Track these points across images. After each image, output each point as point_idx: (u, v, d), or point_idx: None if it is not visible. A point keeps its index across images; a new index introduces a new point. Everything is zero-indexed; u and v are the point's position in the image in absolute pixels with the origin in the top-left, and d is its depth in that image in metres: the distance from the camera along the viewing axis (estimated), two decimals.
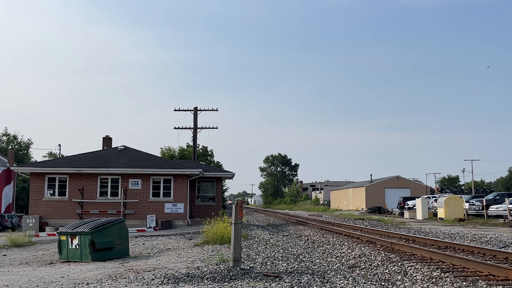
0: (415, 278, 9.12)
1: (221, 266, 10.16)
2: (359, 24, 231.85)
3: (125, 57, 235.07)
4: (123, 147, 32.10)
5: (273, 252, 13.39)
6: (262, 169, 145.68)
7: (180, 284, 8.34)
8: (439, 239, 16.38)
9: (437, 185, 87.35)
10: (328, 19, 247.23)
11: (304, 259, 12.15)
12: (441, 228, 24.66)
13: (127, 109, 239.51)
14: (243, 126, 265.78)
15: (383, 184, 75.96)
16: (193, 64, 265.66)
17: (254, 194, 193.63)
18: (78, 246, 13.28)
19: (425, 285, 8.44)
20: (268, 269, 9.89)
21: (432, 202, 41.02)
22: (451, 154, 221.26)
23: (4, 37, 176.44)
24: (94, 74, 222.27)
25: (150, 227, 26.32)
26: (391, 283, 8.82)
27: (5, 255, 16.14)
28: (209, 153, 68.93)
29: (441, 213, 35.06)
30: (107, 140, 35.45)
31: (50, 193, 27.99)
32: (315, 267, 10.60)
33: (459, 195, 43.08)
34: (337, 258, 12.42)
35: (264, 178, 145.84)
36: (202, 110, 42.54)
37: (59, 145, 59.78)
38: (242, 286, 8.00)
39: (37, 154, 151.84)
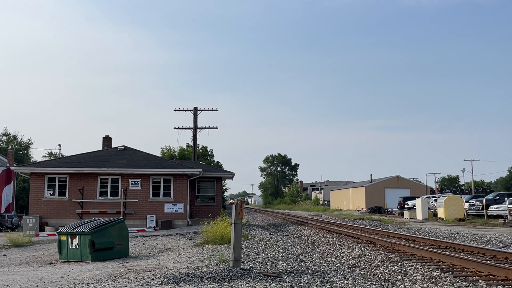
0: (415, 278, 9.12)
1: (221, 266, 10.16)
2: (358, 25, 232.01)
3: (125, 57, 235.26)
4: (123, 147, 32.09)
5: (273, 252, 13.39)
6: (262, 169, 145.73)
7: (180, 284, 8.34)
8: (439, 239, 16.37)
9: (437, 185, 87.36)
10: (327, 19, 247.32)
11: (304, 259, 12.16)
12: (441, 228, 24.66)
13: (127, 109, 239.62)
14: (243, 126, 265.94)
15: (383, 184, 75.95)
16: (192, 64, 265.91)
17: (254, 194, 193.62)
18: (78, 246, 13.28)
19: (425, 285, 8.44)
20: (268, 269, 9.89)
21: (432, 202, 41.02)
22: (451, 154, 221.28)
23: (4, 37, 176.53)
24: (94, 74, 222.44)
25: (150, 227, 26.32)
26: (391, 283, 8.82)
27: (5, 255, 16.14)
28: (209, 153, 68.92)
29: (441, 213, 35.06)
30: (107, 140, 35.44)
31: (50, 193, 27.99)
32: (315, 267, 10.60)
33: (459, 195, 43.08)
34: (337, 258, 12.42)
35: (264, 178, 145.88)
36: (202, 110, 42.55)
37: (59, 145, 59.85)
38: (242, 286, 8.00)
39: (37, 154, 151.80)
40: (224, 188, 71.47)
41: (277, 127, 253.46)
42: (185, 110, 42.40)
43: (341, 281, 8.52)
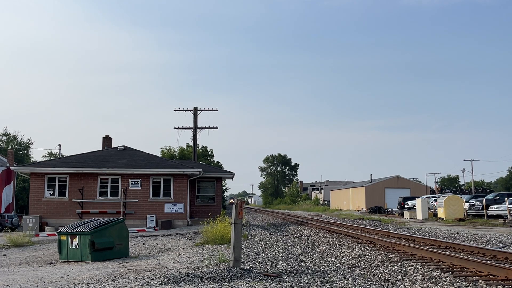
0: (415, 278, 9.12)
1: (221, 266, 10.16)
2: (358, 24, 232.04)
3: (125, 57, 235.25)
4: (123, 147, 32.09)
5: (273, 252, 13.39)
6: (262, 169, 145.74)
7: (180, 284, 8.34)
8: (439, 239, 16.38)
9: (437, 185, 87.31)
10: (327, 19, 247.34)
11: (304, 259, 12.16)
12: (441, 228, 24.66)
13: (127, 109, 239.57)
14: (243, 126, 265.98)
15: (383, 184, 75.94)
16: (192, 64, 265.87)
17: (254, 194, 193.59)
18: (78, 246, 13.28)
19: (425, 285, 8.44)
20: (268, 269, 9.89)
21: (432, 202, 41.01)
22: (451, 154, 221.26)
23: (4, 37, 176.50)
24: (94, 74, 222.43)
25: (150, 227, 26.32)
26: (391, 283, 8.82)
27: (5, 255, 16.14)
28: (209, 153, 68.91)
29: (441, 213, 35.06)
30: (107, 140, 35.44)
31: (50, 193, 27.98)
32: (315, 267, 10.60)
33: (459, 195, 43.07)
34: (337, 258, 12.42)
35: (264, 178, 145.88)
36: (202, 110, 42.56)
37: (59, 145, 59.80)
38: (242, 286, 8.00)
39: (37, 154, 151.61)
40: (224, 188, 71.48)
41: (277, 127, 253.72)
42: (185, 110, 42.45)
43: (341, 281, 8.52)
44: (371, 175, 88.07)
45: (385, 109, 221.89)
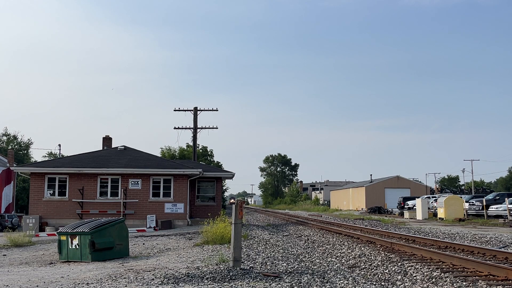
0: (415, 278, 9.13)
1: (221, 266, 10.16)
2: (359, 24, 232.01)
3: (125, 57, 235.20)
4: (123, 147, 32.10)
5: (273, 252, 13.39)
6: (262, 169, 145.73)
7: (180, 284, 8.34)
8: (439, 239, 16.38)
9: (437, 185, 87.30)
10: (327, 19, 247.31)
11: (304, 259, 12.16)
12: (441, 228, 24.66)
13: (127, 109, 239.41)
14: (243, 126, 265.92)
15: (383, 184, 75.95)
16: (193, 64, 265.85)
17: (254, 194, 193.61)
18: (78, 246, 13.28)
19: (425, 285, 8.45)
20: (268, 269, 9.89)
21: (432, 202, 41.03)
22: (451, 154, 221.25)
23: (4, 37, 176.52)
24: (94, 74, 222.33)
25: (150, 227, 26.32)
26: (391, 283, 8.83)
27: (5, 255, 16.14)
28: (209, 153, 68.91)
29: (441, 213, 35.07)
30: (107, 140, 35.45)
31: (50, 193, 27.99)
32: (315, 267, 10.60)
33: (459, 195, 43.09)
34: (337, 258, 12.43)
35: (264, 178, 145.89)
36: (202, 110, 42.57)
37: (59, 145, 59.71)
38: (242, 286, 8.01)
39: (37, 154, 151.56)
40: (224, 188, 71.45)
41: (277, 127, 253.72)
42: (185, 110, 42.45)
43: (341, 281, 8.52)
44: (371, 175, 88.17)
45: (385, 109, 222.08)
